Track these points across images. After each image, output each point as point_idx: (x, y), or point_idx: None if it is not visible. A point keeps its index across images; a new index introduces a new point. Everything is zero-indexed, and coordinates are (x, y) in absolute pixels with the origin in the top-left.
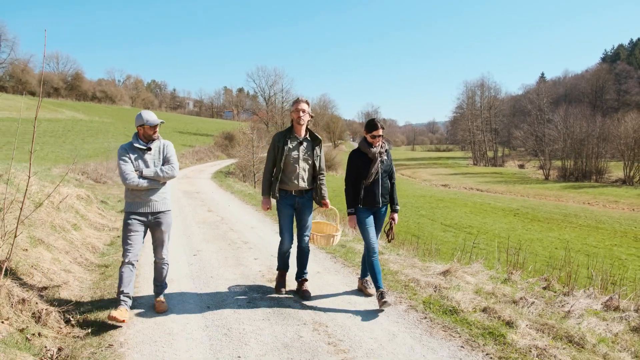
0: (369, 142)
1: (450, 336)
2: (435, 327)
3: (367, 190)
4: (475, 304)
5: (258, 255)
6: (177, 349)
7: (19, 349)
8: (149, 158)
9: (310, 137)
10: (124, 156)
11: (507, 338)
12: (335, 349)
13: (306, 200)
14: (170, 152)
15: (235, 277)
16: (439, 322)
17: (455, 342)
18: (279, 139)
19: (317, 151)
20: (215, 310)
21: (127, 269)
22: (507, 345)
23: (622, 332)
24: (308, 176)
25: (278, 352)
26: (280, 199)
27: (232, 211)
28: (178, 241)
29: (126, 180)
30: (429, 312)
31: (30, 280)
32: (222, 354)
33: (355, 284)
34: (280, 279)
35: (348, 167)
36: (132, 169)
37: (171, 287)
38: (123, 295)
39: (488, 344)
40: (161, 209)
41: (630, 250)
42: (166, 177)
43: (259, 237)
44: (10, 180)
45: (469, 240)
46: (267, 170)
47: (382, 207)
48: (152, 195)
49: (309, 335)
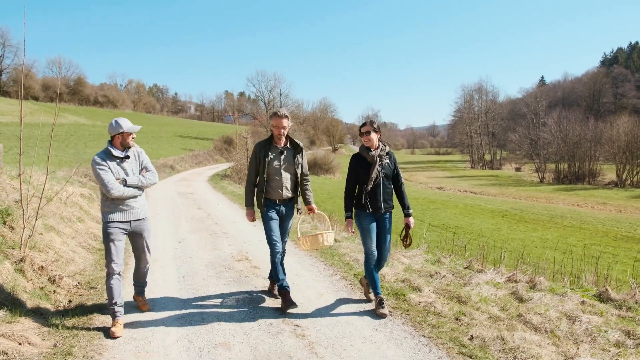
0: (367, 146)
1: (365, 296)
2: (355, 291)
3: (368, 195)
4: (398, 277)
5: (233, 243)
6: (155, 301)
7: (40, 299)
8: (128, 166)
9: (290, 146)
10: (102, 165)
11: (407, 297)
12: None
13: (289, 209)
14: (146, 159)
15: (209, 257)
16: (360, 287)
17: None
18: (260, 150)
19: (299, 159)
20: (188, 278)
21: (116, 281)
22: (405, 301)
23: (504, 295)
24: (291, 185)
25: (233, 308)
26: (266, 208)
27: (220, 209)
28: (167, 232)
29: (111, 190)
30: (355, 281)
31: (46, 255)
32: (189, 299)
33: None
34: (284, 298)
35: (348, 172)
36: (114, 178)
37: (155, 265)
38: (117, 306)
39: (390, 299)
40: (142, 216)
41: (606, 248)
42: (148, 184)
43: (238, 229)
44: (26, 179)
45: (449, 238)
46: (250, 181)
47: (385, 213)
48: (132, 203)
49: (241, 269)
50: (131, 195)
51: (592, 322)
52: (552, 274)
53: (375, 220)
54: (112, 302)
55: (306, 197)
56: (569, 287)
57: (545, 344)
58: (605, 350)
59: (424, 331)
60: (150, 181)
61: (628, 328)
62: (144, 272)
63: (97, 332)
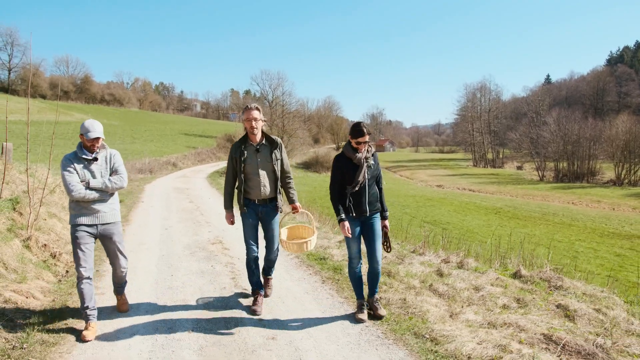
0: (354, 148)
1: (315, 274)
2: (322, 277)
3: (353, 198)
4: (344, 257)
5: (212, 230)
6: (136, 274)
7: (43, 269)
8: (96, 168)
9: (266, 142)
10: (69, 167)
11: (343, 270)
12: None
13: (270, 209)
14: (118, 162)
15: (188, 241)
16: (325, 274)
17: (316, 277)
18: (235, 151)
19: (277, 154)
20: (167, 256)
21: (86, 285)
22: (340, 273)
23: (429, 272)
24: (271, 183)
25: (196, 275)
26: (245, 209)
27: (209, 203)
28: (157, 222)
29: (72, 192)
30: (317, 266)
31: (48, 236)
32: (161, 282)
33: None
34: (255, 302)
35: (332, 173)
36: (78, 180)
37: (142, 247)
38: (89, 310)
39: (329, 272)
40: (110, 220)
41: (591, 244)
42: (115, 188)
43: (220, 220)
44: (32, 173)
45: (438, 234)
46: (227, 183)
47: (371, 216)
48: (99, 206)
49: (213, 249)
50: (94, 198)
51: (493, 291)
52: (497, 258)
53: (360, 224)
54: (83, 306)
55: (289, 195)
56: (496, 268)
57: (441, 305)
58: (489, 310)
59: (343, 294)
60: (117, 185)
61: (520, 296)
62: (121, 275)
63: None
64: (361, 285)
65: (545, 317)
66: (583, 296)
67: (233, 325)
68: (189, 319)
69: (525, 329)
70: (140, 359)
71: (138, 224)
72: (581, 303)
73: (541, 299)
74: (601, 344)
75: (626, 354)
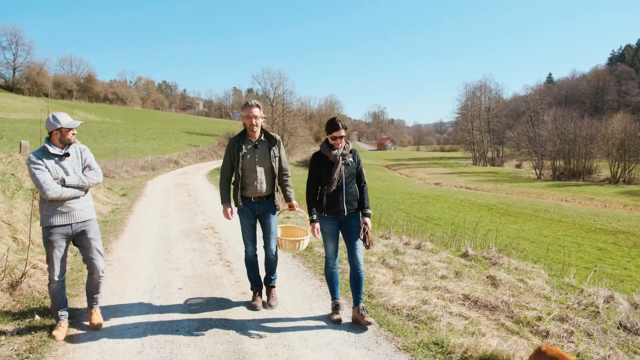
0: (330, 145)
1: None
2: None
3: (329, 197)
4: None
5: (206, 218)
6: (137, 250)
7: None
8: (68, 165)
9: (265, 138)
10: (38, 165)
11: (313, 250)
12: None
13: (267, 206)
14: (89, 157)
15: (184, 227)
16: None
17: (305, 266)
18: (233, 145)
19: (275, 151)
20: (165, 238)
21: (58, 286)
22: (310, 252)
23: (388, 251)
24: (267, 180)
25: (189, 251)
26: (242, 206)
27: (206, 196)
28: (157, 212)
29: (47, 191)
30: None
31: None
32: (159, 256)
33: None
34: (254, 298)
35: (309, 172)
36: (51, 178)
37: (144, 232)
38: (60, 311)
39: (305, 252)
40: (86, 217)
41: (575, 239)
42: (92, 184)
43: (214, 210)
44: None
45: (429, 229)
46: (224, 177)
47: (350, 216)
48: (75, 204)
49: (205, 233)
50: (71, 196)
51: (437, 265)
52: (454, 243)
53: (339, 224)
54: (55, 306)
55: (286, 193)
56: (451, 251)
57: (387, 274)
58: (428, 278)
59: (310, 267)
60: (93, 180)
61: (459, 270)
62: (98, 282)
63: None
64: (337, 285)
65: (473, 284)
66: (515, 270)
67: (217, 292)
68: (180, 279)
69: (450, 291)
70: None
71: (140, 214)
72: (509, 275)
73: (477, 272)
74: (506, 300)
75: (524, 308)
